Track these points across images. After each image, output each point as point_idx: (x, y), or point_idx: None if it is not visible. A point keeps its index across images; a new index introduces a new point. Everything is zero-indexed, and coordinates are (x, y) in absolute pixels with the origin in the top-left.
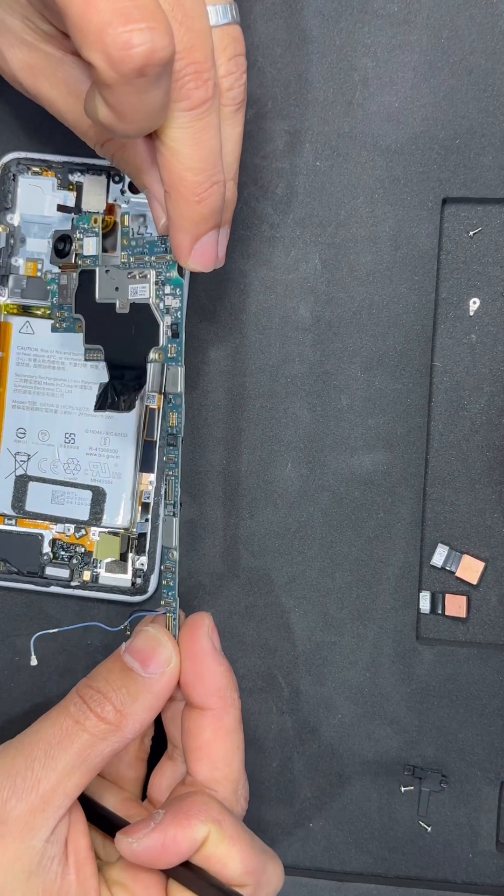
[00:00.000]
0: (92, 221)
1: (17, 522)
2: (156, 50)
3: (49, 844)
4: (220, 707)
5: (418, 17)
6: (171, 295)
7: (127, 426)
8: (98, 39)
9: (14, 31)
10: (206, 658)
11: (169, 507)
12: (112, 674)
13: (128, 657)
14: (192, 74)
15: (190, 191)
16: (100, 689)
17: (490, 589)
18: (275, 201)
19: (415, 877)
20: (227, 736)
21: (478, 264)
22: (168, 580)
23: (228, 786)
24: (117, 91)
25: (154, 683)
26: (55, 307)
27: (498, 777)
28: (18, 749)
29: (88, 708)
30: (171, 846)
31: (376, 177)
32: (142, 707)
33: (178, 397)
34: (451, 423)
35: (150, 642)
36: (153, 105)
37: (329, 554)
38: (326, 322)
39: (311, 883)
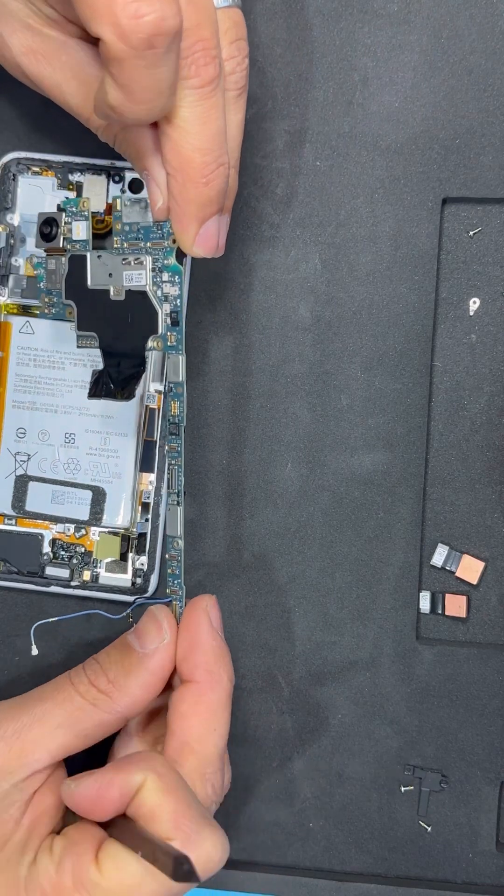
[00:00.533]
0: (80, 205)
1: (17, 522)
2: (164, 18)
3: (15, 789)
4: (205, 682)
5: (418, 16)
6: (169, 282)
7: (127, 426)
8: (107, 11)
9: (17, 15)
10: (198, 630)
11: (173, 496)
12: (114, 649)
13: (130, 636)
14: (200, 51)
15: (198, 172)
16: (99, 661)
17: (490, 589)
18: (275, 201)
19: (415, 877)
20: (206, 713)
21: (478, 264)
22: (174, 568)
23: (195, 762)
24: (127, 66)
25: (147, 659)
26: (43, 292)
27: (498, 777)
28: (18, 700)
29: (86, 675)
30: (105, 790)
31: (376, 177)
32: (135, 682)
33: (180, 386)
34: (451, 423)
35: (150, 621)
36: (163, 82)
37: (329, 554)
38: (326, 322)
39: (311, 883)
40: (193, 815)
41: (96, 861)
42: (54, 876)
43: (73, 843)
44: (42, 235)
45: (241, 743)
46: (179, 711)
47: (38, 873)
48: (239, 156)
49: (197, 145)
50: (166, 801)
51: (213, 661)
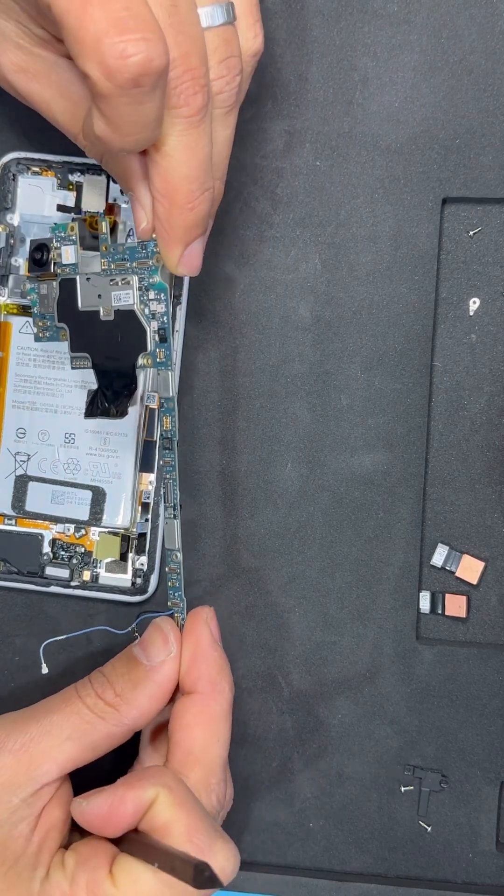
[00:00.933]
0: (68, 229)
1: (17, 522)
2: (151, 59)
3: (24, 805)
4: (207, 692)
5: (418, 16)
6: (155, 300)
7: (127, 426)
8: (94, 50)
9: (8, 35)
10: (199, 643)
11: (169, 509)
12: (119, 661)
13: (135, 648)
14: (189, 81)
15: (184, 198)
16: (106, 674)
17: (490, 589)
18: (275, 201)
19: (415, 877)
20: (209, 723)
21: (478, 264)
22: (174, 581)
23: (200, 773)
24: (113, 102)
25: (155, 672)
26: (37, 316)
27: (498, 777)
28: (25, 712)
29: (93, 688)
30: (118, 806)
31: (376, 176)
32: (142, 694)
33: (171, 401)
34: (451, 423)
35: (156, 633)
36: (149, 117)
37: (329, 554)
38: (326, 322)
39: (311, 883)
40: (206, 828)
41: (111, 875)
42: (68, 891)
43: (85, 858)
44: (34, 261)
45: (241, 743)
46: (183, 723)
47: (52, 888)
48: (226, 168)
49: (184, 173)
50: (179, 816)
51: (216, 673)
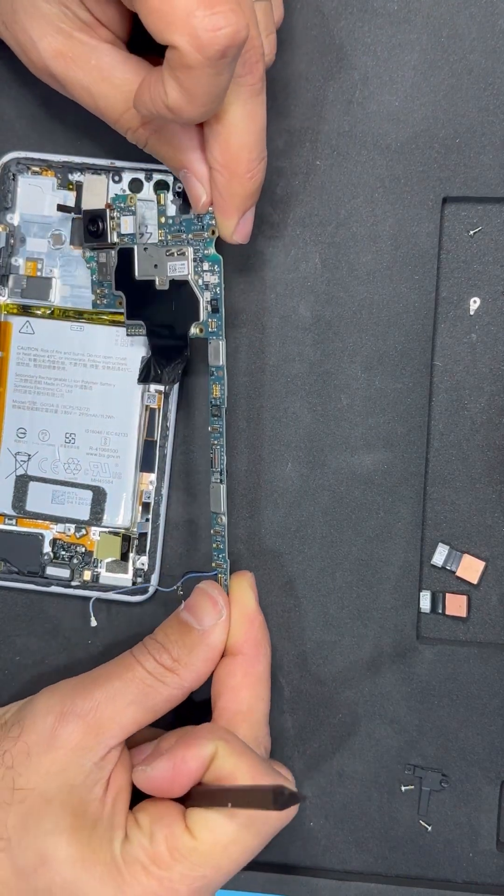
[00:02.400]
0: (128, 200)
1: (17, 522)
2: (239, 31)
3: (97, 768)
4: (252, 654)
5: (418, 15)
6: (209, 271)
7: (127, 426)
8: (185, 23)
9: (50, 18)
10: (245, 606)
11: (216, 474)
12: (171, 628)
13: (184, 613)
14: (251, 51)
15: (244, 167)
16: (160, 640)
17: (490, 588)
18: (275, 201)
19: (415, 876)
20: (255, 683)
21: (478, 263)
22: (218, 543)
23: (248, 729)
24: (197, 73)
25: (208, 635)
26: (95, 284)
27: (498, 776)
28: (85, 677)
29: (150, 654)
30: (182, 766)
31: (376, 176)
32: (198, 658)
33: (221, 369)
34: (451, 423)
35: (204, 598)
36: (222, 87)
37: (329, 554)
38: (326, 321)
39: (312, 882)
40: (267, 769)
41: (187, 829)
42: (150, 848)
43: (158, 816)
44: (89, 233)
45: None
46: (230, 684)
47: (133, 848)
48: None
49: (244, 142)
50: (241, 763)
51: (261, 635)
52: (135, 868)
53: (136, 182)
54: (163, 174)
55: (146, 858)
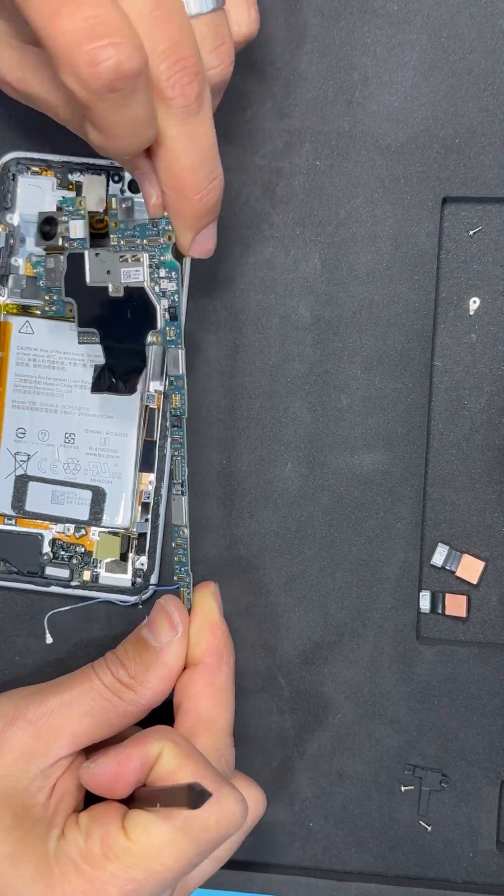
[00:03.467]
0: (78, 203)
1: (17, 522)
2: (121, 63)
3: (42, 775)
4: (214, 663)
5: (418, 16)
6: (166, 278)
7: (127, 426)
8: (67, 61)
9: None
10: (206, 616)
11: (177, 486)
12: (130, 644)
13: (144, 630)
14: (181, 71)
15: (192, 189)
16: (119, 656)
17: (490, 588)
18: (275, 201)
19: (415, 876)
20: (216, 692)
21: (478, 263)
22: (180, 556)
23: (208, 739)
24: (96, 109)
25: (163, 653)
26: (43, 290)
27: (498, 776)
28: (44, 685)
29: (108, 667)
30: (125, 764)
31: (376, 176)
32: (154, 675)
33: (180, 379)
34: (451, 423)
35: (161, 614)
36: (136, 118)
37: (329, 554)
38: (326, 322)
39: (311, 882)
40: (212, 775)
41: (123, 829)
42: (83, 846)
43: (98, 816)
44: (42, 234)
45: (242, 743)
46: (191, 693)
47: (68, 845)
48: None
49: (188, 164)
50: (185, 766)
51: (222, 644)
52: (66, 866)
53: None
54: None
55: (78, 856)
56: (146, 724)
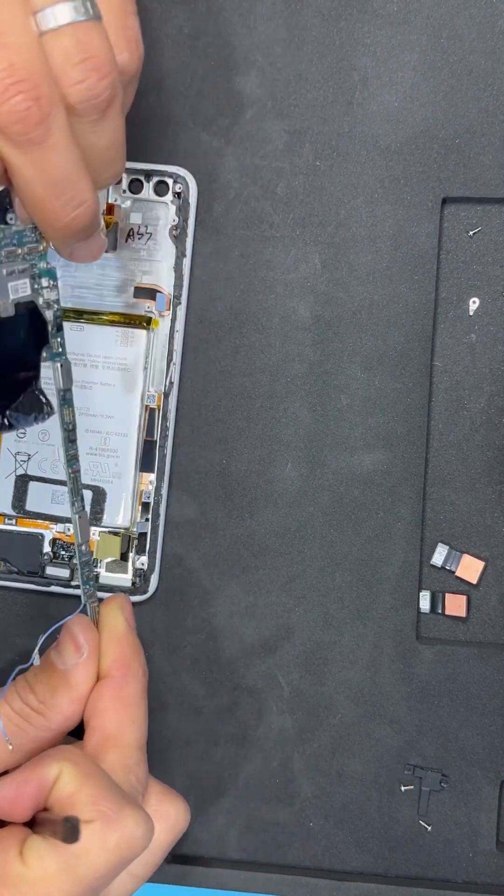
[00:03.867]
0: None
1: (17, 522)
2: None
3: None
4: (120, 676)
5: (418, 16)
6: (48, 288)
7: (127, 426)
8: None
9: None
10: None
11: (78, 504)
12: (40, 668)
13: (53, 652)
14: (18, 95)
15: (53, 216)
16: (28, 681)
17: (490, 588)
18: (275, 201)
19: (415, 876)
20: (124, 706)
21: (478, 264)
22: (86, 575)
23: (116, 755)
24: None
25: (70, 676)
26: None
27: (498, 776)
28: None
29: (17, 693)
30: (23, 787)
31: (376, 176)
32: (62, 699)
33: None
34: (451, 423)
35: (66, 636)
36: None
37: (329, 554)
38: (326, 322)
39: (311, 882)
40: (113, 795)
41: (20, 855)
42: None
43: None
44: None
45: (241, 743)
46: (98, 707)
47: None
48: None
49: (42, 193)
50: (84, 787)
51: (129, 657)
52: None
53: (136, 182)
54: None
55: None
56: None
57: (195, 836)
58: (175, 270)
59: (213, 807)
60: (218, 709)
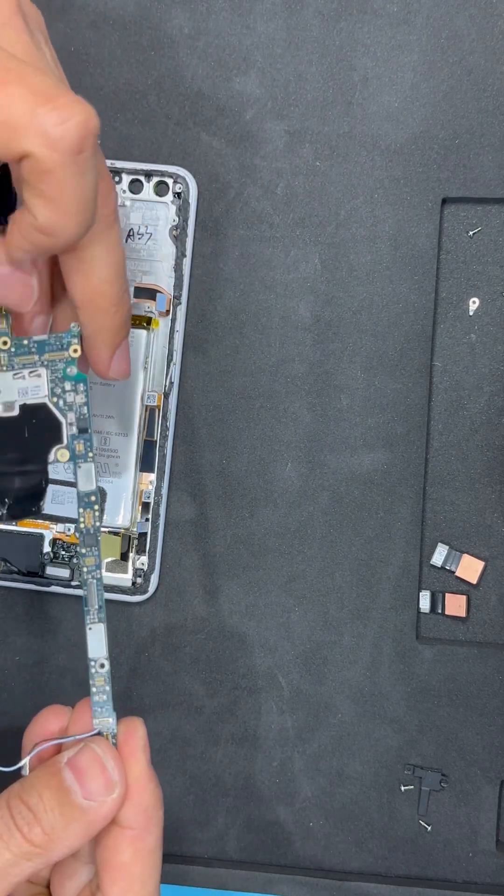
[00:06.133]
0: None
1: (17, 522)
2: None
3: None
4: (143, 827)
5: (418, 17)
6: (72, 391)
7: (127, 426)
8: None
9: None
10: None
11: (93, 612)
12: (48, 790)
13: (68, 774)
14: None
15: (109, 301)
16: (31, 807)
17: (490, 588)
18: (275, 201)
19: (415, 876)
20: (146, 857)
21: (477, 264)
22: (102, 696)
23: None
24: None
25: (92, 812)
26: None
27: (498, 776)
28: None
29: (16, 826)
30: None
31: (376, 177)
32: (74, 834)
33: (94, 494)
34: (451, 423)
35: (94, 766)
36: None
37: (329, 554)
38: (326, 322)
39: (311, 882)
40: None
41: None
42: None
43: None
44: None
45: (241, 743)
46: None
47: None
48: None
49: (106, 276)
50: None
51: (152, 806)
52: None
53: (136, 182)
54: (162, 175)
55: None
56: None
57: (195, 836)
58: (175, 270)
59: (213, 807)
60: (218, 709)
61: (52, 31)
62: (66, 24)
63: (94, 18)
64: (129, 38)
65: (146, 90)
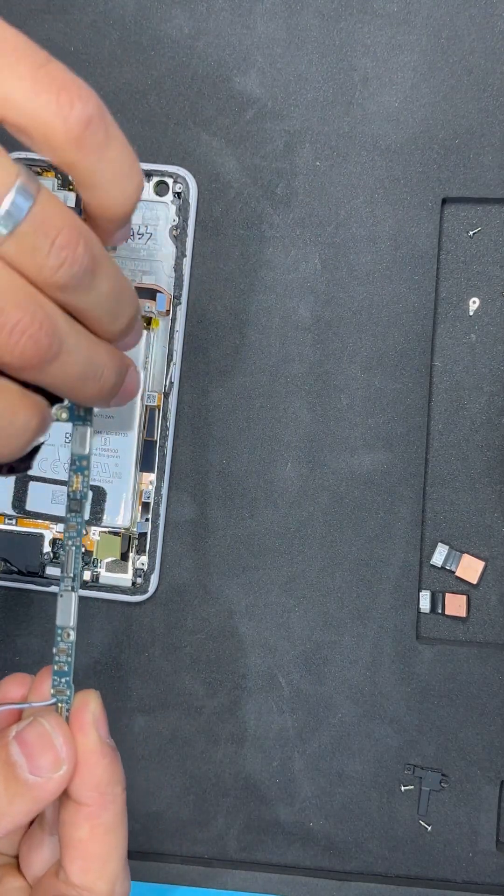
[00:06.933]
0: None
1: (17, 522)
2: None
3: None
4: (97, 804)
5: (418, 17)
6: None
7: (127, 426)
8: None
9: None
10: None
11: (68, 580)
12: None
13: (15, 748)
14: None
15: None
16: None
17: (490, 588)
18: (275, 201)
19: (415, 876)
20: (104, 835)
21: (477, 264)
22: (62, 665)
23: (103, 887)
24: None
25: (37, 787)
26: None
27: (498, 776)
28: None
29: None
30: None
31: (376, 177)
32: (17, 810)
33: (85, 459)
34: (451, 423)
35: (42, 741)
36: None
37: (329, 554)
38: (326, 322)
39: (311, 882)
40: None
41: None
42: None
43: None
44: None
45: (241, 743)
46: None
47: None
48: (134, 306)
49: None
50: None
51: (106, 782)
52: None
53: None
54: (162, 175)
55: None
56: None
57: (195, 835)
58: (175, 270)
59: (213, 807)
60: (218, 709)
61: (52, 31)
62: (66, 24)
63: (94, 18)
64: (129, 38)
65: (146, 90)
